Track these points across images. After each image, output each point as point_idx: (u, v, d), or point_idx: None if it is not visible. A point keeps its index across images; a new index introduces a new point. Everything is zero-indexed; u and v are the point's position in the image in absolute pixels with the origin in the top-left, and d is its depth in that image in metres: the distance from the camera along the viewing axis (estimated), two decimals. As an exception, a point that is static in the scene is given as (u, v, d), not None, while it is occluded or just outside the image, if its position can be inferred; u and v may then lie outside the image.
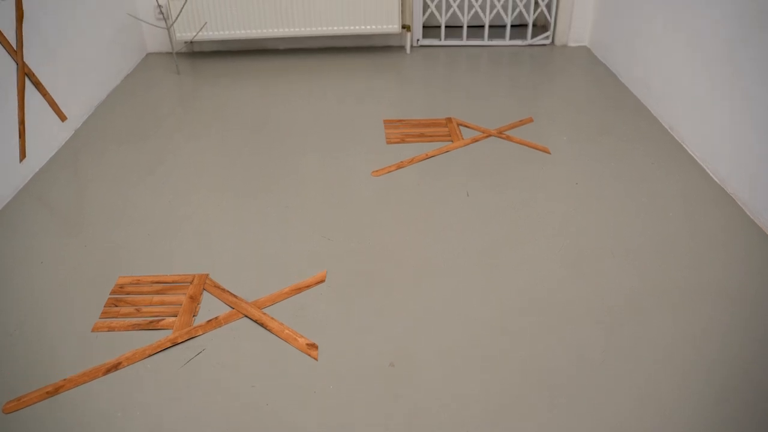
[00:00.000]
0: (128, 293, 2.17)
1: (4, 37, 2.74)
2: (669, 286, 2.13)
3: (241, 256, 2.35)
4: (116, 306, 2.11)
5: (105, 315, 2.08)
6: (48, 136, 3.09)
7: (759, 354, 1.85)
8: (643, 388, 1.76)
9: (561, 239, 2.38)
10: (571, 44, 4.40)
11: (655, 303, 2.06)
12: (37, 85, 2.99)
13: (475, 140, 3.11)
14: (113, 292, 2.17)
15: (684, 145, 3.02)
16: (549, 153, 2.99)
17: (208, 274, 2.24)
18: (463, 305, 2.08)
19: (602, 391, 1.75)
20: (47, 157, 3.07)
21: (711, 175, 2.78)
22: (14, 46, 2.82)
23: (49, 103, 3.09)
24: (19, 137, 2.84)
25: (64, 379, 1.83)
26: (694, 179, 2.76)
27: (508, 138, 3.13)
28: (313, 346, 1.93)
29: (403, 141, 3.12)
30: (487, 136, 3.15)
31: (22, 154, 2.86)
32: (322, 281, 2.20)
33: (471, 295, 2.12)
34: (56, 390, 1.80)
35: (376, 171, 2.87)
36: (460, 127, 3.24)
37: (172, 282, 2.21)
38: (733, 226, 2.44)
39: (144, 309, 2.09)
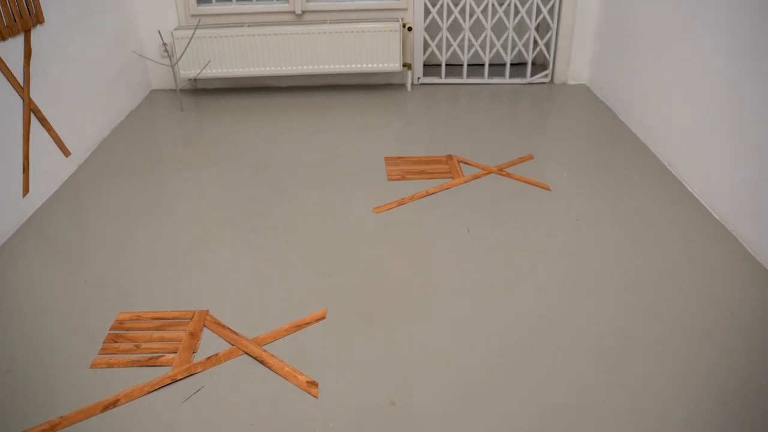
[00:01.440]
0: (128, 329, 2.16)
1: (12, 74, 2.78)
2: (670, 324, 2.12)
3: (241, 292, 2.34)
4: (116, 342, 2.10)
5: (104, 351, 2.06)
6: (51, 171, 3.11)
7: (760, 391, 1.83)
8: (644, 422, 1.74)
9: (562, 275, 2.38)
10: (570, 82, 4.46)
11: (657, 341, 2.05)
12: (43, 121, 3.02)
13: (476, 177, 3.13)
14: (113, 328, 2.16)
15: (683, 182, 3.03)
16: (549, 190, 3.01)
17: (208, 311, 2.23)
18: (465, 342, 2.07)
19: (605, 428, 1.73)
20: (50, 192, 3.08)
21: (711, 211, 2.79)
22: (21, 83, 2.86)
23: (53, 139, 3.12)
24: (23, 172, 2.87)
25: (61, 417, 1.81)
26: (693, 216, 2.77)
27: (508, 175, 3.15)
28: (313, 383, 1.92)
29: (404, 178, 3.14)
30: (487, 173, 3.17)
31: (26, 189, 2.88)
32: (322, 318, 2.19)
33: (472, 332, 2.11)
34: (52, 428, 1.78)
35: (378, 207, 2.88)
36: (461, 164, 3.26)
37: (173, 318, 2.20)
38: (734, 262, 2.44)
39: (143, 345, 2.08)
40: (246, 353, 2.04)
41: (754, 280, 2.34)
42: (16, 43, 2.84)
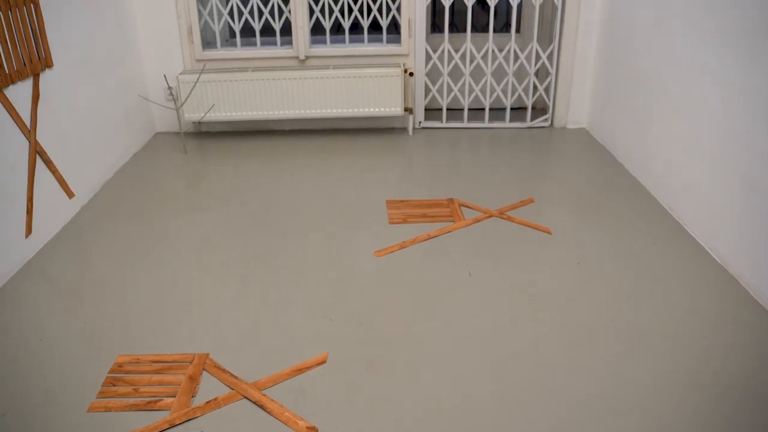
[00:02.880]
0: (127, 372, 2.14)
1: (20, 117, 2.82)
2: (674, 371, 2.10)
3: (242, 336, 2.33)
4: (114, 385, 2.08)
5: (102, 394, 2.04)
6: (54, 212, 3.13)
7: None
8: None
9: (564, 320, 2.37)
10: (570, 126, 4.51)
11: (660, 388, 2.03)
12: (48, 163, 3.05)
13: (477, 221, 3.15)
14: (112, 371, 2.15)
15: (684, 226, 3.04)
16: (550, 233, 3.02)
17: (208, 354, 2.22)
18: (466, 389, 2.05)
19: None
20: (52, 233, 3.09)
21: (712, 255, 2.79)
22: (28, 125, 2.90)
23: (58, 181, 3.14)
24: (27, 213, 2.88)
25: (58, 462, 1.79)
26: (695, 260, 2.77)
27: (509, 218, 3.16)
28: (312, 429, 1.89)
29: (405, 221, 3.16)
30: (488, 217, 3.18)
31: (28, 230, 2.89)
32: (323, 362, 2.18)
33: (474, 379, 2.09)
34: (49, 473, 1.75)
35: (379, 251, 2.89)
36: (462, 208, 3.28)
37: (172, 361, 2.19)
38: (737, 306, 2.43)
39: (142, 389, 2.06)
40: (246, 398, 2.02)
41: (757, 324, 2.33)
42: (25, 86, 2.89)
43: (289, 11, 4.24)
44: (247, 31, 4.43)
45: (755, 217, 2.50)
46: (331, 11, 4.34)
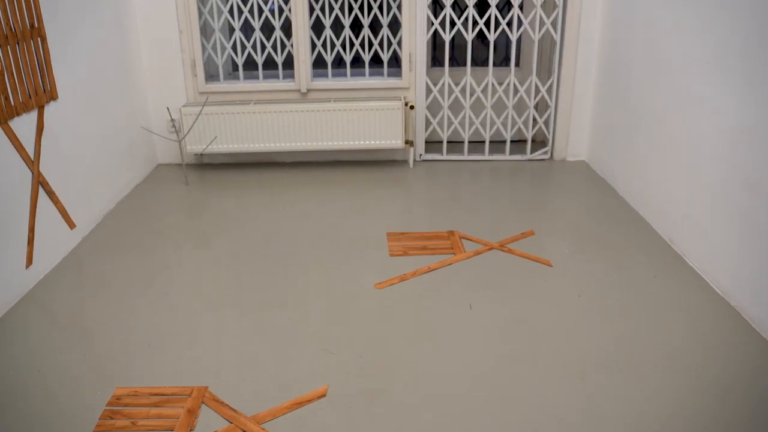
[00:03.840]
0: (125, 405, 2.12)
1: (24, 148, 2.85)
2: (676, 404, 2.09)
3: (241, 368, 2.32)
4: (112, 419, 2.06)
5: (100, 428, 2.02)
6: (55, 243, 3.13)
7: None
8: None
9: (565, 353, 2.36)
10: (570, 159, 4.54)
11: (663, 419, 2.01)
12: (50, 194, 3.07)
13: (478, 253, 3.15)
14: (109, 404, 2.13)
15: (685, 258, 3.04)
16: (551, 266, 3.02)
17: (207, 387, 2.20)
18: (467, 423, 2.03)
19: None
20: (53, 264, 3.09)
21: (713, 287, 2.79)
22: (32, 156, 2.92)
23: (59, 211, 3.15)
24: (28, 244, 2.89)
25: (53, 497, 1.76)
26: (696, 292, 2.76)
27: (509, 251, 3.16)
28: (312, 464, 1.87)
29: (405, 254, 3.16)
30: (489, 249, 3.18)
31: (29, 261, 2.89)
32: (323, 396, 2.16)
33: (476, 414, 2.07)
34: None
35: (379, 283, 2.88)
36: (463, 240, 3.28)
37: (171, 394, 2.17)
38: (739, 339, 2.42)
39: (140, 422, 2.04)
40: (244, 431, 2.00)
41: (760, 356, 2.31)
42: (30, 118, 2.92)
43: (292, 45, 4.31)
44: (250, 64, 4.49)
45: (756, 249, 2.50)
46: (333, 45, 4.40)
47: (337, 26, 4.46)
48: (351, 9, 4.34)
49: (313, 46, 4.38)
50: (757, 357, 2.33)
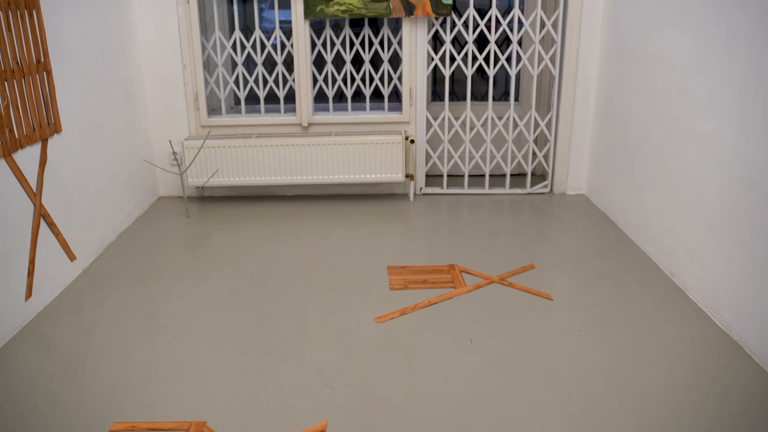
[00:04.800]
0: (122, 440, 2.10)
1: (26, 180, 2.86)
2: (681, 441, 2.06)
3: (240, 403, 2.29)
4: (108, 454, 2.03)
5: (96, 464, 2.00)
6: (55, 275, 3.13)
7: None
8: None
9: (567, 388, 2.34)
10: (570, 192, 4.55)
11: (668, 459, 1.98)
12: (51, 225, 3.07)
13: (478, 287, 3.14)
14: (107, 439, 2.10)
15: (685, 291, 3.03)
16: (551, 300, 3.01)
17: (205, 422, 2.18)
18: (469, 459, 2.00)
19: None
20: (52, 296, 3.08)
21: (715, 321, 2.77)
22: (34, 188, 2.93)
23: (60, 244, 3.16)
24: (28, 275, 2.88)
25: None
26: (698, 326, 2.75)
27: (510, 285, 3.15)
28: (311, 501, 1.84)
29: (406, 287, 3.15)
30: (489, 283, 3.18)
31: (29, 293, 2.88)
32: (323, 431, 2.13)
33: (476, 448, 2.05)
34: None
35: (380, 317, 2.87)
36: (463, 274, 3.28)
37: (169, 429, 2.14)
38: (742, 373, 2.40)
39: (137, 458, 2.01)
40: (243, 468, 1.97)
41: (763, 391, 2.29)
42: (33, 151, 2.94)
43: (293, 80, 4.36)
44: (252, 98, 4.54)
45: (758, 283, 2.50)
46: (334, 80, 4.46)
47: (338, 61, 4.53)
48: (352, 44, 4.40)
49: (315, 80, 4.44)
50: (761, 392, 2.30)
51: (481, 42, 4.42)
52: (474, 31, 4.25)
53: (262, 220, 4.11)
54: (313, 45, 4.36)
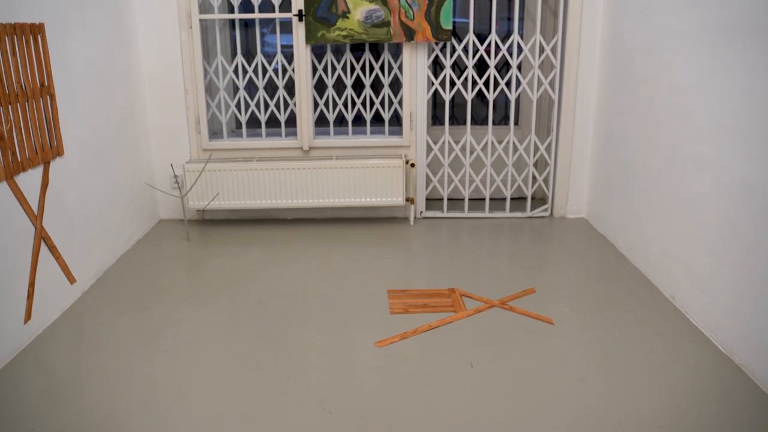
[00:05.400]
0: (119, 466, 2.08)
1: (28, 203, 2.87)
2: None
3: (239, 428, 2.27)
4: (106, 480, 2.01)
5: (93, 489, 1.97)
6: (55, 298, 3.12)
7: None
8: None
9: (568, 413, 2.32)
10: (570, 216, 4.56)
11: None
12: (52, 248, 3.07)
13: (479, 311, 3.13)
14: (104, 464, 2.08)
15: (687, 315, 3.02)
16: (552, 324, 3.00)
17: (204, 446, 2.16)
18: (470, 485, 1.98)
19: None
20: (51, 320, 3.07)
21: (717, 345, 2.76)
22: (35, 211, 2.94)
23: (60, 266, 3.16)
24: (27, 298, 2.88)
25: None
26: (700, 350, 2.73)
27: (511, 309, 3.15)
28: None
29: (406, 311, 3.14)
30: (490, 307, 3.17)
31: (28, 316, 2.87)
32: (322, 456, 2.12)
33: (478, 474, 2.03)
34: None
35: (380, 342, 2.86)
36: (464, 298, 3.27)
37: (167, 454, 2.12)
38: (744, 398, 2.38)
39: (134, 483, 1.99)
40: (241, 494, 1.95)
41: (766, 415, 2.27)
42: (36, 173, 2.96)
43: (294, 104, 4.39)
44: (253, 122, 4.57)
45: (759, 306, 2.49)
46: (335, 104, 4.49)
47: (339, 86, 4.57)
48: (353, 69, 4.44)
49: (316, 104, 4.47)
50: (763, 415, 2.29)
51: (481, 67, 4.47)
52: (474, 56, 4.29)
53: (263, 244, 4.11)
54: (315, 69, 4.40)
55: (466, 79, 4.36)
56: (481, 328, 2.97)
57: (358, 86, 4.57)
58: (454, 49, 4.31)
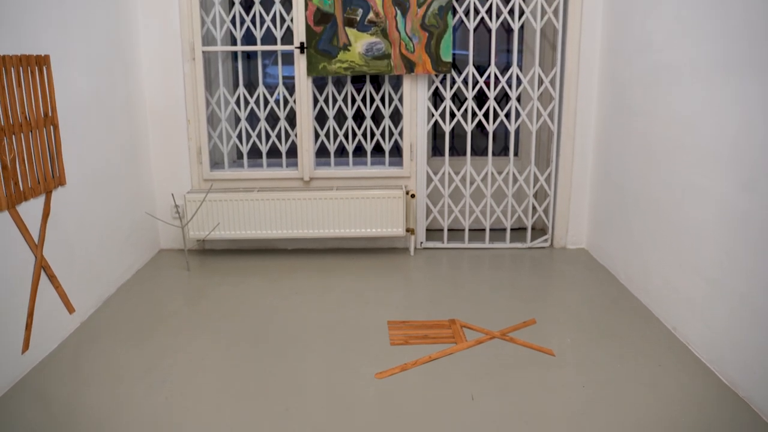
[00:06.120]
0: (115, 499, 2.04)
1: (29, 232, 2.87)
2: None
3: (237, 460, 2.25)
4: None
5: None
6: (54, 328, 3.10)
7: None
8: None
9: (571, 447, 2.29)
10: (570, 246, 4.56)
11: None
12: (52, 278, 3.07)
13: (479, 342, 3.11)
14: (100, 498, 2.05)
15: (689, 346, 3.00)
16: (553, 355, 2.98)
17: (201, 480, 2.13)
18: None
19: None
20: (50, 350, 3.06)
21: (720, 377, 2.74)
22: (36, 240, 2.94)
23: (60, 296, 3.15)
24: (26, 328, 2.86)
25: None
26: (702, 382, 2.71)
27: (511, 340, 3.13)
28: None
29: (407, 342, 3.12)
30: (490, 338, 3.15)
31: (25, 346, 2.86)
32: (321, 490, 2.09)
33: None
34: None
35: (380, 373, 2.84)
36: (464, 329, 3.25)
37: (163, 487, 2.09)
38: (748, 431, 2.36)
39: None
40: None
41: (771, 454, 2.25)
42: (37, 203, 2.97)
43: (296, 134, 4.42)
44: (254, 152, 4.60)
45: (762, 339, 2.48)
46: (336, 135, 4.52)
47: (340, 117, 4.61)
48: (354, 100, 4.49)
49: (317, 135, 4.50)
50: (769, 452, 2.26)
51: (481, 98, 4.51)
52: (473, 88, 4.33)
53: (263, 274, 4.10)
54: (316, 100, 4.45)
55: (465, 110, 4.40)
56: (481, 359, 2.95)
57: (358, 117, 4.61)
58: (454, 81, 4.36)
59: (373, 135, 4.54)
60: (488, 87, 4.36)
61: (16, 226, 2.80)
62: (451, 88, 4.35)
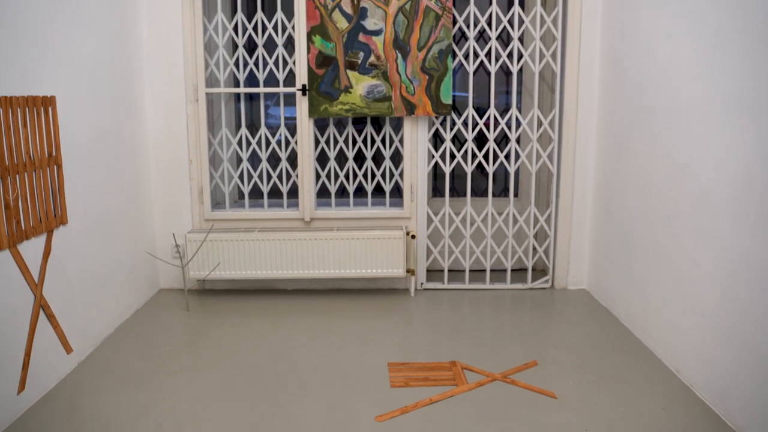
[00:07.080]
0: None
1: (29, 271, 2.87)
2: None
3: (234, 505, 2.20)
4: None
5: None
6: (51, 368, 3.07)
7: None
8: None
9: (575, 493, 2.25)
10: (571, 287, 4.54)
11: None
12: (50, 317, 3.05)
13: (480, 384, 3.08)
14: None
15: (693, 389, 2.97)
16: (555, 398, 2.94)
17: None
18: None
19: None
20: (46, 390, 3.02)
21: (725, 419, 2.70)
22: (36, 280, 2.94)
23: (58, 335, 3.13)
24: (23, 368, 2.84)
25: None
26: (707, 425, 2.67)
27: (513, 382, 3.09)
28: None
29: (407, 385, 3.09)
30: (491, 380, 3.12)
31: (21, 386, 2.83)
32: None
33: None
34: None
35: (380, 416, 2.80)
36: (465, 371, 3.22)
37: None
38: (756, 482, 2.32)
39: None
40: None
41: (779, 501, 2.20)
42: (38, 242, 2.97)
43: (297, 175, 4.45)
44: (256, 192, 4.63)
45: (765, 381, 2.45)
46: (337, 176, 4.55)
47: (341, 158, 4.64)
48: (355, 141, 4.53)
49: (318, 176, 4.53)
50: (777, 498, 2.22)
51: (481, 139, 4.56)
52: (473, 129, 4.38)
53: (263, 315, 4.08)
54: (317, 141, 4.49)
55: (466, 151, 4.43)
56: (482, 402, 2.92)
57: (359, 158, 4.65)
58: (454, 123, 4.40)
59: (373, 176, 4.57)
60: (488, 128, 4.41)
61: (16, 265, 2.80)
62: (452, 129, 4.40)
